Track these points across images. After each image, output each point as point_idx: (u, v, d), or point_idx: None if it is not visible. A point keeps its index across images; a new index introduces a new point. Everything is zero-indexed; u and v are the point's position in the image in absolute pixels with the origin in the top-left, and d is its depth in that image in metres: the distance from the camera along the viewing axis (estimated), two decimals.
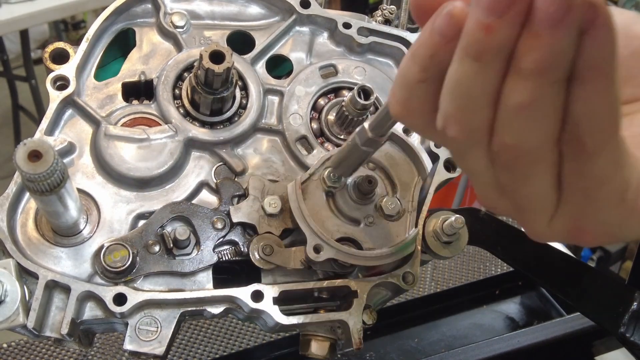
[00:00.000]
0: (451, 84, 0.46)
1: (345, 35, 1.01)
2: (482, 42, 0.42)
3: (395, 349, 1.43)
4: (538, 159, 0.46)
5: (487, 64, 0.43)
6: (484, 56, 0.43)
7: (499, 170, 0.48)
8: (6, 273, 0.78)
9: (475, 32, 0.42)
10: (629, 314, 0.96)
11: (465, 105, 0.46)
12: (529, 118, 0.44)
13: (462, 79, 0.45)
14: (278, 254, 0.87)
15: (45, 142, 0.65)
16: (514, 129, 0.45)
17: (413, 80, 0.49)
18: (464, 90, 0.45)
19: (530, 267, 1.10)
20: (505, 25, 0.41)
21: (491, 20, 0.41)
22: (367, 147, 0.74)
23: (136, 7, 0.99)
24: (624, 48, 0.56)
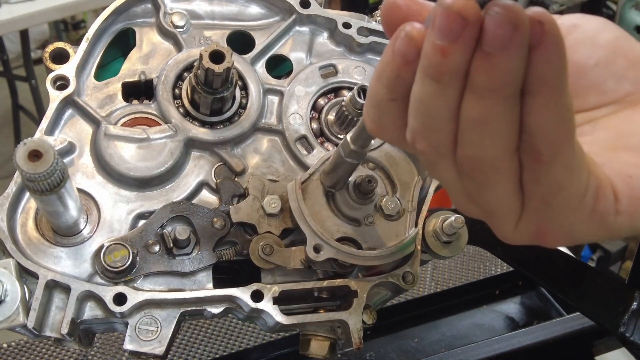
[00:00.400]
0: (415, 103, 0.49)
1: (345, 35, 1.01)
2: (440, 64, 0.45)
3: (395, 349, 1.43)
4: (497, 168, 0.48)
5: (446, 84, 0.46)
6: (442, 77, 0.45)
7: (464, 179, 0.51)
8: (6, 273, 0.78)
9: (432, 55, 0.45)
10: (628, 313, 0.96)
11: (428, 122, 0.49)
12: (485, 132, 0.46)
13: (424, 98, 0.48)
14: (278, 254, 0.87)
15: (45, 141, 0.66)
16: (473, 142, 0.47)
17: (382, 100, 0.52)
18: (427, 109, 0.48)
19: (530, 267, 1.10)
20: (460, 48, 0.43)
21: (446, 44, 0.43)
22: (351, 159, 0.77)
23: (136, 7, 0.99)
24: (588, 58, 0.59)
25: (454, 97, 0.46)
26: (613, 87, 0.57)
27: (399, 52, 0.48)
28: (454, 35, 0.43)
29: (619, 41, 0.58)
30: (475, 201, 0.53)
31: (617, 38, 0.59)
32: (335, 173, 0.84)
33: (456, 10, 0.42)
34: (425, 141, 0.50)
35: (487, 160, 0.48)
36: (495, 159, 0.47)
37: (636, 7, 3.28)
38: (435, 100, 0.47)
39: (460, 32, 0.42)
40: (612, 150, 0.53)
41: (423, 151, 0.51)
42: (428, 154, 0.51)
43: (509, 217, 0.52)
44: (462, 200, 0.54)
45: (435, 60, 0.44)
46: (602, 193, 0.50)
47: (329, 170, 0.85)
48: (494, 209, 0.52)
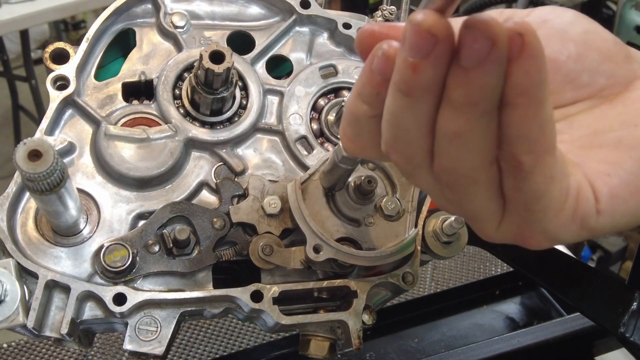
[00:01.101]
0: (387, 116, 0.49)
1: (345, 35, 1.02)
2: (410, 80, 0.45)
3: (395, 349, 1.43)
4: (475, 179, 0.48)
5: (417, 99, 0.46)
6: (413, 92, 0.45)
7: (443, 188, 0.51)
8: (6, 273, 0.78)
9: (403, 71, 0.45)
10: (628, 314, 0.96)
11: (400, 134, 0.49)
12: (462, 145, 0.46)
13: (395, 112, 0.48)
14: (278, 254, 0.87)
15: (45, 141, 0.66)
16: (449, 155, 0.48)
17: (363, 117, 0.52)
18: (398, 122, 0.48)
19: (530, 267, 1.10)
20: (431, 64, 0.43)
21: (417, 60, 0.43)
22: (344, 164, 0.78)
23: (136, 7, 0.99)
24: (559, 52, 0.58)
25: (426, 111, 0.46)
26: (587, 81, 0.57)
27: (377, 70, 0.48)
28: (424, 52, 0.43)
29: (589, 34, 0.58)
30: (456, 206, 0.53)
31: (587, 31, 0.58)
32: (332, 176, 0.85)
33: (425, 28, 0.42)
34: (398, 153, 0.51)
35: (464, 172, 0.48)
36: (472, 170, 0.48)
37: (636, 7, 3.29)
38: (406, 114, 0.47)
39: (430, 49, 0.42)
40: (589, 148, 0.53)
41: (397, 162, 0.52)
42: (402, 165, 0.52)
43: (490, 221, 0.52)
44: (443, 203, 0.55)
45: (406, 75, 0.45)
46: (582, 196, 0.50)
47: (326, 173, 0.85)
48: (473, 215, 0.52)
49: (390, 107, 0.48)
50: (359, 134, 0.54)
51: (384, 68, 0.48)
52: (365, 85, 0.51)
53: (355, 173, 0.91)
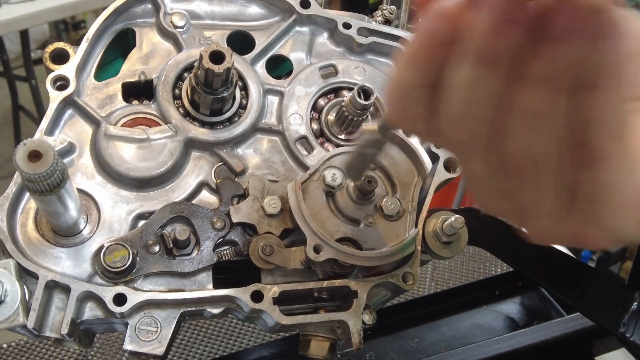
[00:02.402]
0: (456, 89, 0.45)
1: (345, 35, 1.01)
2: (491, 48, 0.41)
3: (395, 349, 1.43)
4: (546, 165, 0.45)
5: (495, 70, 0.42)
6: (492, 62, 0.41)
7: (504, 175, 0.47)
8: (6, 273, 0.78)
9: (482, 36, 0.41)
10: (628, 314, 0.96)
11: (471, 109, 0.45)
12: (538, 124, 0.42)
13: (467, 84, 0.43)
14: (278, 254, 0.87)
15: (45, 142, 0.65)
16: (523, 136, 0.44)
17: (412, 87, 0.48)
18: (470, 95, 0.44)
19: (530, 267, 1.10)
20: (516, 32, 0.40)
21: (500, 26, 0.40)
22: (371, 148, 0.74)
23: (136, 7, 0.99)
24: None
25: (502, 84, 0.42)
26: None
27: (434, 33, 0.44)
28: (512, 16, 0.39)
29: None
30: (511, 199, 0.49)
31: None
32: (359, 166, 0.80)
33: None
34: (462, 130, 0.46)
35: (534, 156, 0.44)
36: (545, 155, 0.44)
37: (636, 7, 3.29)
38: (481, 86, 0.43)
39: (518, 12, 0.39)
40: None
41: (460, 141, 0.47)
42: (465, 144, 0.47)
43: (548, 217, 0.48)
44: (492, 196, 0.50)
45: (485, 42, 0.40)
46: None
47: (352, 166, 0.81)
48: (533, 209, 0.48)
49: (460, 79, 0.43)
50: (407, 105, 0.49)
51: (442, 30, 0.43)
52: (417, 49, 0.45)
53: None
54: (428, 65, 0.46)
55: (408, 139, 0.93)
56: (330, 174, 0.89)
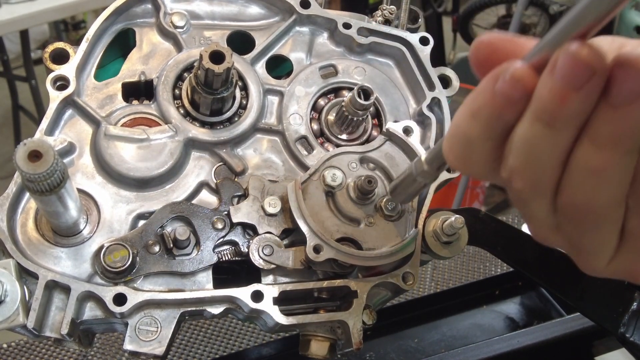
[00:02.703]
0: (520, 143, 0.47)
1: (345, 35, 1.01)
2: (556, 110, 0.43)
3: (395, 349, 1.43)
4: (604, 216, 0.47)
5: (559, 129, 0.44)
6: (557, 123, 0.44)
7: (563, 220, 0.50)
8: (6, 273, 0.78)
9: (549, 100, 0.43)
10: (628, 314, 0.96)
11: (532, 163, 0.48)
12: (600, 181, 0.45)
13: (532, 140, 0.46)
14: (278, 254, 0.87)
15: (45, 142, 0.65)
16: (584, 190, 0.46)
17: (476, 138, 0.50)
18: (533, 150, 0.47)
19: (530, 267, 1.10)
20: (582, 97, 0.42)
21: (567, 91, 0.42)
22: (423, 178, 0.75)
23: (136, 7, 0.99)
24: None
25: (565, 143, 0.45)
26: None
27: (503, 94, 0.46)
28: (578, 84, 0.41)
29: None
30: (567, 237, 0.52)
31: None
32: (407, 190, 0.80)
33: (583, 59, 0.41)
34: (524, 181, 0.49)
35: (595, 208, 0.47)
36: (604, 207, 0.46)
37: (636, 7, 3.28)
38: (544, 144, 0.46)
39: (585, 81, 0.41)
40: None
41: (519, 190, 0.50)
42: (523, 192, 0.50)
43: (603, 256, 0.51)
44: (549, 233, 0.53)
45: (551, 105, 0.43)
46: None
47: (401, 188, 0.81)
48: (588, 249, 0.51)
49: (526, 135, 0.46)
50: (471, 155, 0.52)
51: (512, 92, 0.46)
52: (484, 106, 0.48)
53: (355, 173, 0.91)
54: (496, 122, 0.48)
55: (408, 139, 0.93)
56: (330, 174, 0.89)
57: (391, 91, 1.02)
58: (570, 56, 0.42)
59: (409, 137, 0.94)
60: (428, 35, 1.03)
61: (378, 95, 0.99)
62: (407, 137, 0.94)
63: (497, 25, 5.44)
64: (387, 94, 1.01)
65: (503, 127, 0.48)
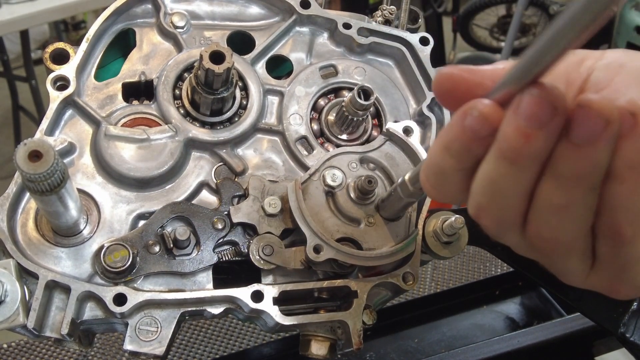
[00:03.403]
0: (484, 181, 0.49)
1: (345, 35, 1.01)
2: (520, 148, 0.45)
3: (395, 349, 1.43)
4: (571, 247, 0.49)
5: (522, 167, 0.46)
6: (520, 160, 0.45)
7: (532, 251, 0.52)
8: (6, 273, 0.78)
9: (512, 139, 0.45)
10: (629, 314, 0.96)
11: (497, 201, 0.49)
12: (564, 217, 0.46)
13: (495, 178, 0.48)
14: (278, 254, 0.87)
15: (45, 142, 0.66)
16: (550, 225, 0.48)
17: (449, 169, 0.52)
18: (497, 188, 0.48)
19: (530, 267, 1.10)
20: (544, 136, 0.43)
21: (530, 130, 0.43)
22: (408, 196, 0.78)
23: (136, 7, 0.99)
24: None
25: (529, 180, 0.46)
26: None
27: (471, 130, 0.48)
28: (541, 123, 0.43)
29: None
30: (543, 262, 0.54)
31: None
32: (394, 207, 0.85)
33: (546, 99, 0.42)
34: (490, 218, 0.51)
35: (562, 240, 0.48)
36: (570, 240, 0.48)
37: (636, 7, 3.28)
38: (508, 181, 0.47)
39: (547, 120, 0.43)
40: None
41: (487, 226, 0.52)
42: (492, 228, 0.52)
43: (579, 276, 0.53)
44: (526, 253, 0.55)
45: (516, 144, 0.44)
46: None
47: (388, 204, 0.86)
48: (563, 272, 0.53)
49: (490, 173, 0.48)
50: (444, 184, 0.54)
51: (479, 128, 0.48)
52: (454, 140, 0.50)
53: (356, 173, 0.91)
54: (466, 154, 0.50)
55: (408, 139, 0.93)
56: (331, 174, 0.89)
57: (391, 91, 1.02)
58: (533, 96, 0.43)
59: (409, 137, 0.94)
60: (428, 36, 1.03)
61: (378, 96, 0.99)
62: (407, 137, 0.94)
63: (497, 25, 5.45)
64: (387, 94, 1.01)
65: (473, 160, 0.50)
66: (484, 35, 5.56)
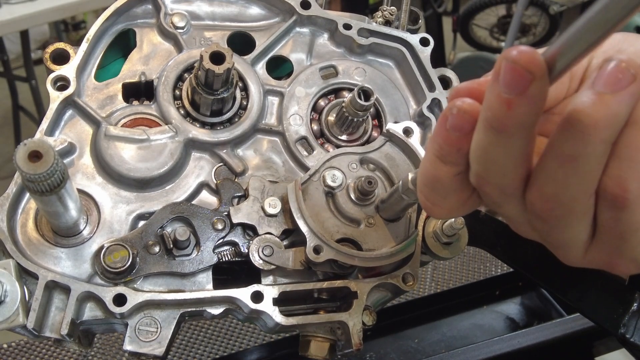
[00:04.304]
0: (477, 152, 0.49)
1: (345, 36, 1.01)
2: (504, 117, 0.45)
3: (395, 350, 1.43)
4: (572, 209, 0.48)
5: (511, 135, 0.46)
6: (506, 128, 0.45)
7: (533, 218, 0.51)
8: (6, 273, 0.78)
9: (495, 107, 0.45)
10: (629, 314, 0.96)
11: (492, 169, 0.49)
12: (572, 169, 0.46)
13: (487, 147, 0.48)
14: (278, 255, 0.87)
15: (45, 142, 0.65)
16: (555, 180, 0.47)
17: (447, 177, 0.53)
18: (490, 156, 0.49)
19: (530, 268, 1.10)
20: (527, 102, 0.43)
21: (511, 97, 0.44)
22: (408, 196, 0.79)
23: (136, 7, 0.99)
24: None
25: (520, 147, 0.47)
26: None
27: (454, 127, 0.49)
28: (520, 89, 0.43)
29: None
30: (541, 236, 0.53)
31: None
32: (395, 208, 0.86)
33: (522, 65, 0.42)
34: (490, 185, 0.51)
35: (564, 200, 0.48)
36: (572, 199, 0.47)
37: None
38: (499, 150, 0.47)
39: (526, 86, 0.43)
40: None
41: (488, 194, 0.52)
42: (494, 196, 0.52)
43: (577, 250, 0.52)
44: (524, 230, 0.55)
45: (498, 112, 0.45)
46: None
47: (388, 205, 0.86)
48: (562, 244, 0.52)
49: (481, 143, 0.48)
50: (445, 196, 0.55)
51: (461, 123, 0.49)
52: (443, 145, 0.51)
53: (356, 174, 0.91)
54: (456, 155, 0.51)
55: (408, 140, 0.93)
56: (331, 174, 0.89)
57: (391, 92, 1.02)
58: (509, 62, 0.43)
59: (409, 138, 0.94)
60: (428, 36, 1.03)
61: (378, 96, 0.99)
62: (408, 138, 0.94)
63: (497, 25, 5.45)
64: (388, 94, 1.01)
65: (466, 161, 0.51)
66: (484, 35, 5.57)
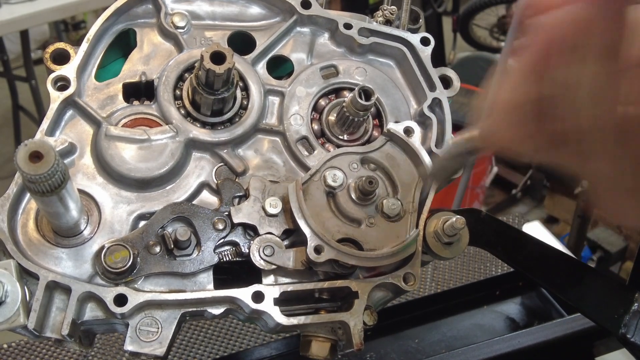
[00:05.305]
0: (583, 84, 0.46)
1: (346, 35, 1.01)
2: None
3: (395, 350, 1.43)
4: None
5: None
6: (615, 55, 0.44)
7: (637, 170, 0.47)
8: (7, 274, 0.78)
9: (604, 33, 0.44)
10: (629, 314, 0.96)
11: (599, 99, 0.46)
12: None
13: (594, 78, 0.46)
14: (279, 255, 0.87)
15: (46, 142, 0.65)
16: None
17: (524, 101, 0.50)
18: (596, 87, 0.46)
19: (530, 268, 1.10)
20: None
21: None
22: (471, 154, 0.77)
23: (137, 7, 0.99)
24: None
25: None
26: None
27: (555, 40, 0.46)
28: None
29: None
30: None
31: None
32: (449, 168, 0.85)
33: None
34: (590, 119, 0.47)
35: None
36: None
37: None
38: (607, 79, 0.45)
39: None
40: None
41: (585, 134, 0.47)
42: (590, 138, 0.48)
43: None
44: (621, 197, 0.50)
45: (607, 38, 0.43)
46: None
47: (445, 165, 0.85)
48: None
49: (588, 72, 0.45)
50: (520, 123, 0.51)
51: (567, 34, 0.46)
52: (537, 61, 0.48)
53: (357, 174, 0.91)
54: (549, 73, 0.47)
55: (409, 140, 0.93)
56: (331, 174, 0.89)
57: (392, 91, 1.02)
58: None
59: (410, 138, 0.94)
60: (429, 36, 1.03)
61: (379, 96, 0.99)
62: (408, 137, 0.94)
63: (497, 25, 5.44)
64: (388, 94, 1.01)
65: (556, 79, 0.47)
66: (484, 35, 5.56)
